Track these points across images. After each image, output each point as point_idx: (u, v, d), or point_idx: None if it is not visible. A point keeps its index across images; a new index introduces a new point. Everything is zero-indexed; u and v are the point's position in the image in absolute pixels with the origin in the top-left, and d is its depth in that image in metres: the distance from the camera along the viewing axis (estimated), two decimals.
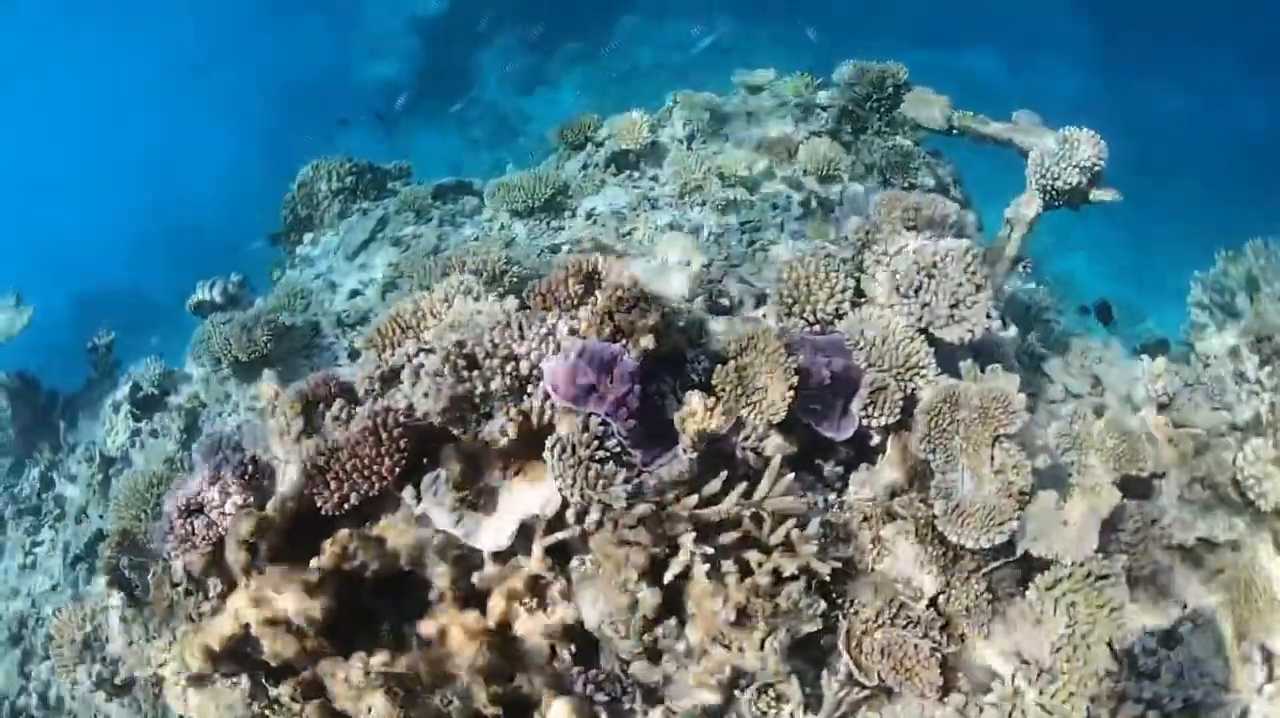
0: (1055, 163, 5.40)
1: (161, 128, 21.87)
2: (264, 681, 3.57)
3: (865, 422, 3.77)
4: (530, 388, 3.66)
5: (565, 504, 3.49)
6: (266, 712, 3.55)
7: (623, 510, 3.27)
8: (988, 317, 4.14)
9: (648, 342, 3.40)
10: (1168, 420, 4.71)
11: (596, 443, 3.42)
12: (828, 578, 3.38)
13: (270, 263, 8.71)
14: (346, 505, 3.60)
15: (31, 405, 8.06)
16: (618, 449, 3.44)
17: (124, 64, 23.79)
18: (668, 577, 3.25)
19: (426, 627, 3.50)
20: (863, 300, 4.37)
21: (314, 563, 3.47)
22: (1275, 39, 22.48)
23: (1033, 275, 13.15)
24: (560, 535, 3.47)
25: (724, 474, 3.33)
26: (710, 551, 3.23)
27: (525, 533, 3.55)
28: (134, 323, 10.70)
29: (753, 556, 3.35)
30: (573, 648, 3.43)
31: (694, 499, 3.29)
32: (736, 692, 3.31)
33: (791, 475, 3.36)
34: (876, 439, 3.90)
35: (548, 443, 3.49)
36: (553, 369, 3.53)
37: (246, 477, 3.88)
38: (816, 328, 4.27)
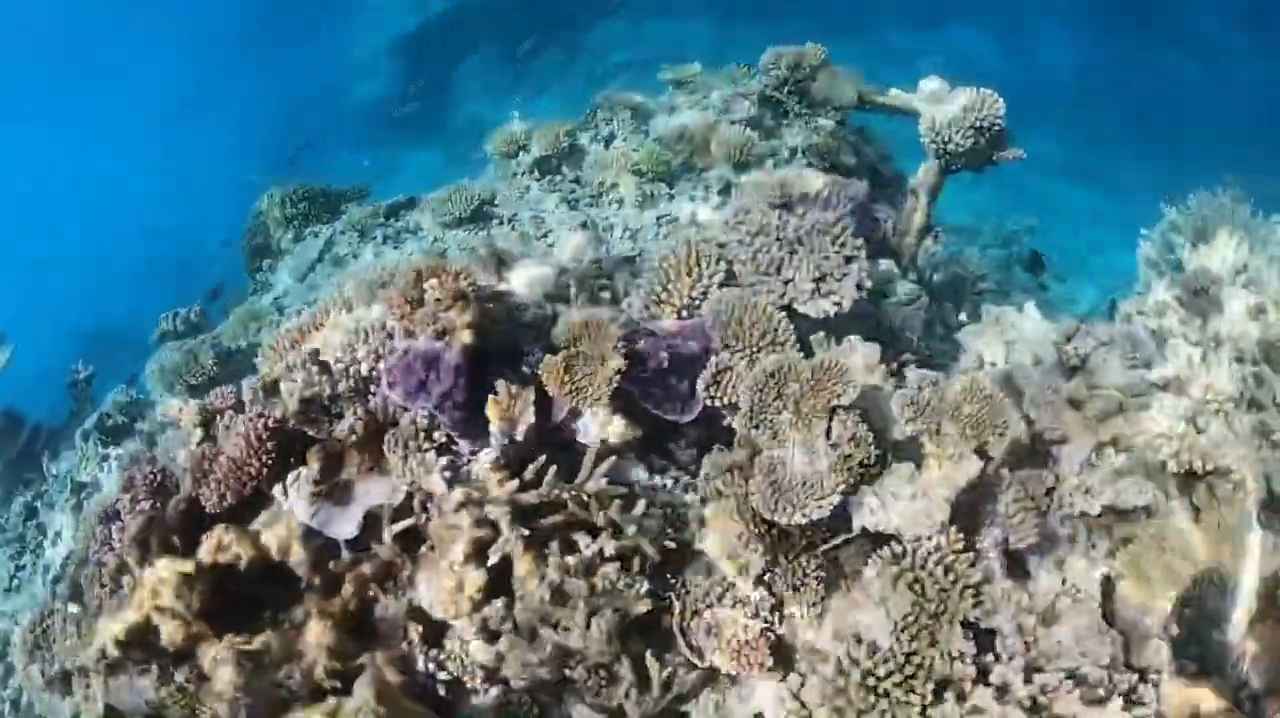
0: (946, 127, 5.37)
1: (161, 162, 22.49)
2: (170, 666, 3.79)
3: (712, 403, 3.79)
4: (374, 388, 3.82)
5: (410, 494, 3.63)
6: (173, 695, 3.74)
7: (443, 497, 3.39)
8: (859, 287, 4.10)
9: (466, 337, 3.50)
10: (1077, 383, 4.47)
11: (424, 435, 3.56)
12: (658, 559, 3.43)
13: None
14: (225, 504, 3.86)
15: (16, 441, 8.39)
16: (444, 440, 3.56)
17: (121, 100, 24.54)
18: (492, 559, 3.34)
19: (296, 611, 3.71)
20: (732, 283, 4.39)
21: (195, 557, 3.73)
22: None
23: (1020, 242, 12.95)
24: (403, 524, 3.61)
25: (542, 459, 3.40)
26: (526, 532, 3.31)
27: (378, 522, 3.71)
28: (130, 354, 11.05)
29: (581, 538, 3.43)
30: (420, 629, 3.54)
31: (514, 484, 3.37)
32: (568, 671, 3.37)
33: (612, 459, 3.42)
34: (728, 420, 3.92)
35: (385, 438, 3.66)
36: (388, 369, 3.68)
37: (154, 484, 4.16)
38: (685, 314, 4.32)
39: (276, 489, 3.85)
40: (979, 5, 22.73)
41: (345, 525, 3.72)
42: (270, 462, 3.87)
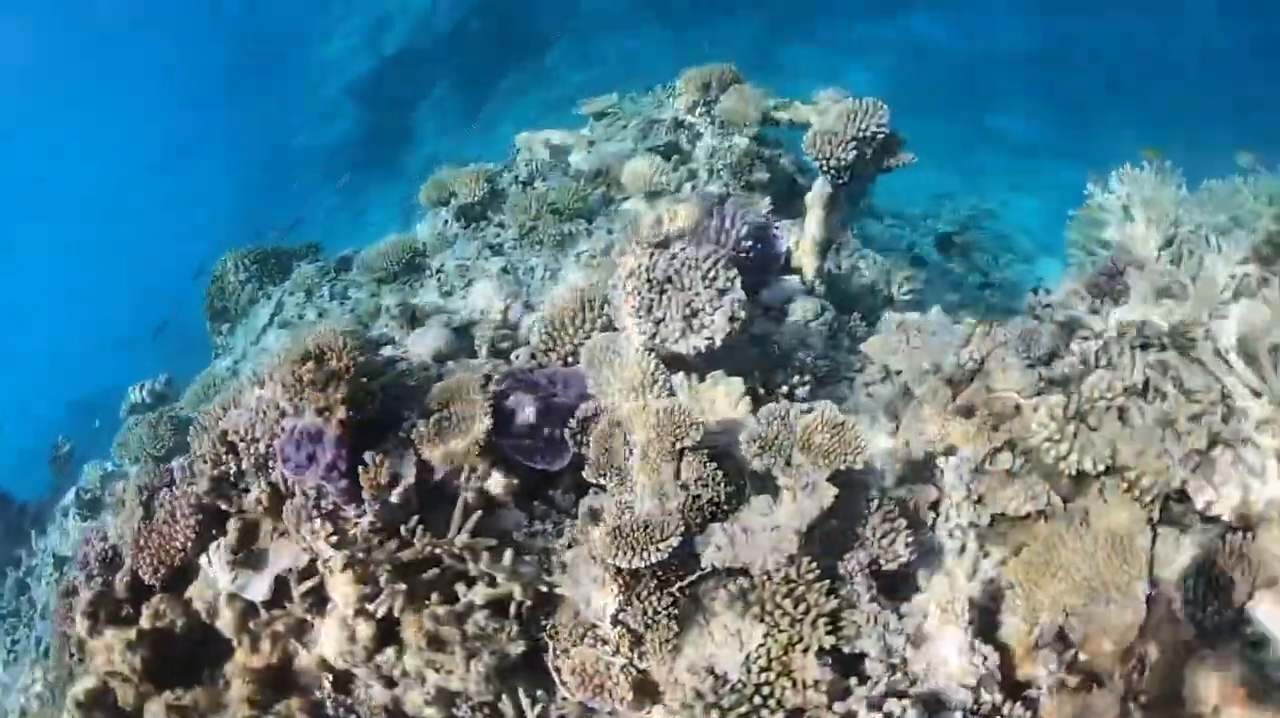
0: (828, 141, 5.44)
1: (134, 225, 22.95)
2: None
3: (579, 451, 4.01)
4: (273, 463, 4.12)
5: (314, 557, 3.95)
6: None
7: (332, 559, 3.69)
8: (731, 319, 4.25)
9: (341, 413, 3.79)
10: (975, 388, 4.44)
11: (314, 504, 3.85)
12: (530, 603, 3.69)
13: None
14: (159, 575, 4.28)
15: (5, 518, 8.75)
16: (331, 507, 3.84)
17: (90, 164, 25.07)
18: (378, 612, 3.64)
19: (227, 667, 4.14)
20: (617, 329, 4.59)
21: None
22: None
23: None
24: (308, 584, 3.94)
25: (415, 520, 3.67)
26: (403, 587, 3.59)
27: (289, 584, 4.04)
28: (110, 424, 11.42)
29: (461, 587, 3.71)
30: (330, 677, 3.89)
31: (392, 544, 3.66)
32: (454, 711, 3.64)
33: (477, 514, 3.68)
34: None
35: (285, 508, 3.98)
36: (281, 446, 3.97)
37: (106, 559, 4.58)
38: (570, 362, 4.58)
39: (202, 559, 4.20)
40: None
41: (260, 588, 4.06)
42: (195, 535, 4.27)
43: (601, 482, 3.73)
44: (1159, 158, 5.63)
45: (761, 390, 4.53)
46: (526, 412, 3.97)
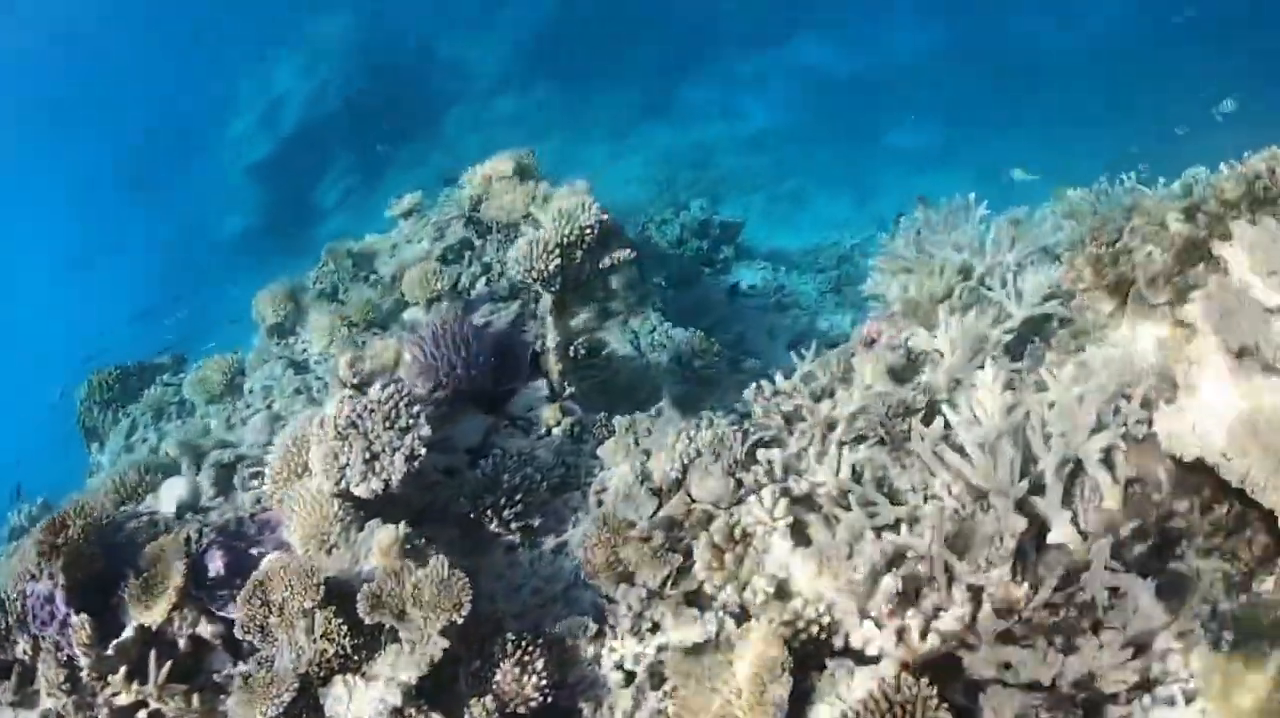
0: (528, 254, 5.58)
1: (48, 321, 23.10)
2: None
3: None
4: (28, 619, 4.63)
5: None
6: None
7: (66, 704, 4.31)
8: (410, 458, 4.65)
9: (63, 579, 4.30)
10: (677, 501, 4.29)
11: (55, 655, 4.37)
12: None
13: None
14: None
15: None
16: (66, 658, 4.33)
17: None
18: None
19: None
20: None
21: None
22: None
23: None
24: None
25: (124, 668, 4.15)
26: None
27: None
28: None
29: None
30: None
31: (109, 690, 4.15)
32: None
33: (168, 665, 4.13)
34: None
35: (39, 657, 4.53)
36: (30, 606, 4.48)
37: None
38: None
39: None
40: (823, 14, 23.26)
41: None
42: None
43: (249, 639, 4.14)
44: (929, 205, 5.68)
45: (472, 516, 4.91)
46: (216, 566, 4.44)
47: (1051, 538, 3.41)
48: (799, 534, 3.87)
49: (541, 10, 23.87)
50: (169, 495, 5.32)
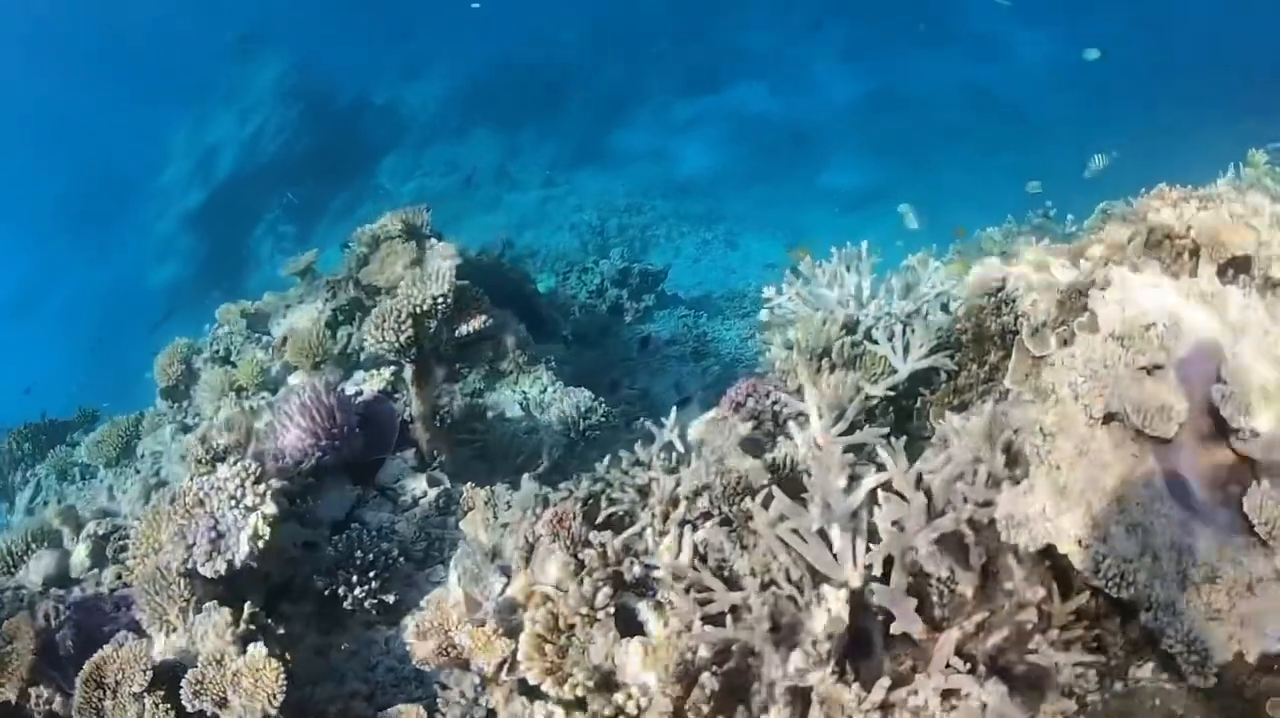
0: (379, 324, 5.49)
1: None
2: None
3: None
4: None
5: None
6: None
7: None
8: (254, 538, 4.68)
9: None
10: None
11: None
12: None
13: None
14: None
15: None
16: None
17: None
18: None
19: None
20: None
21: None
22: None
23: None
24: None
25: None
26: None
27: None
28: None
29: None
30: None
31: None
32: None
33: None
34: None
35: None
36: None
37: None
38: None
39: None
40: (757, 61, 23.78)
41: None
42: None
43: None
44: (807, 257, 5.43)
45: (328, 593, 4.96)
46: (68, 645, 4.47)
47: (895, 629, 3.06)
48: (630, 622, 3.68)
49: (477, 57, 24.18)
50: (38, 567, 5.35)
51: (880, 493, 3.23)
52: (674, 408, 4.70)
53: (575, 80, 23.36)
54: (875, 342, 4.42)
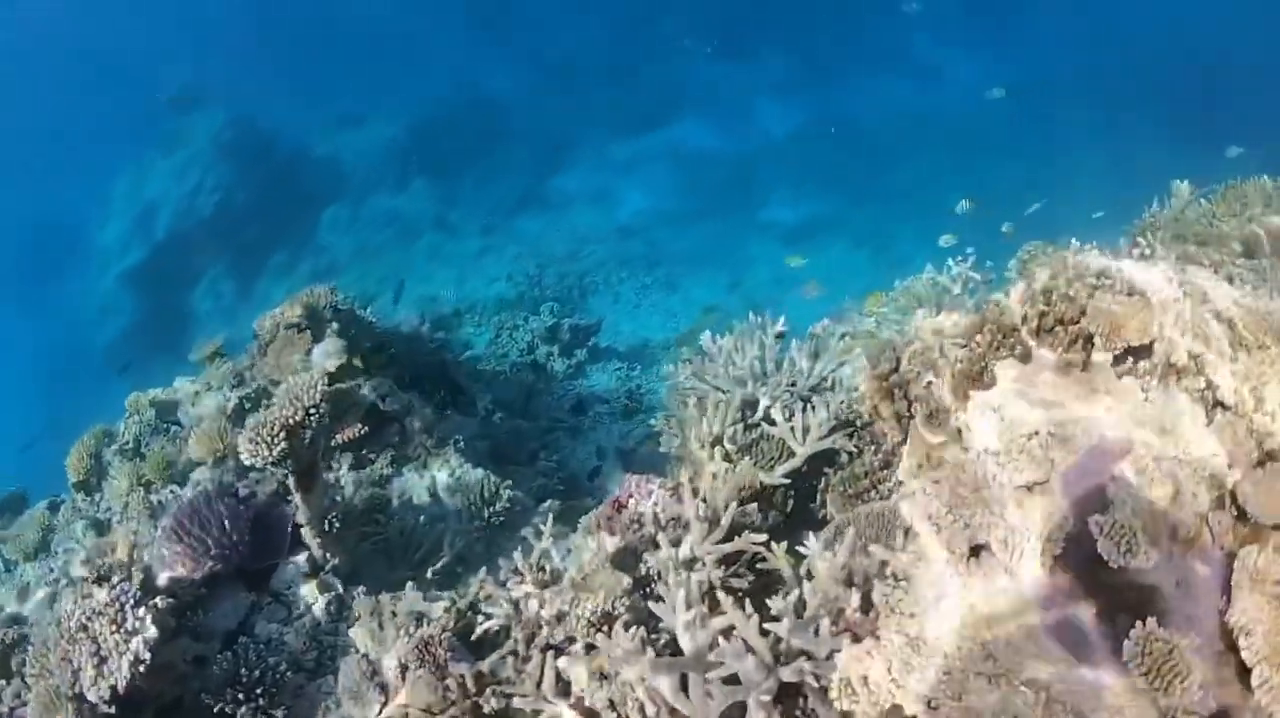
0: (252, 438, 5.28)
1: None
2: None
3: None
4: None
5: None
6: None
7: None
8: (135, 662, 4.74)
9: None
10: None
11: None
12: None
13: None
14: None
15: None
16: None
17: None
18: None
19: None
20: None
21: None
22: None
23: None
24: None
25: None
26: None
27: None
28: None
29: None
30: None
31: None
32: None
33: None
34: None
35: None
36: None
37: None
38: None
39: None
40: (696, 99, 24.02)
41: None
42: None
43: None
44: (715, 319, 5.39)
45: (216, 711, 4.97)
46: None
47: None
48: None
49: (416, 106, 24.26)
50: None
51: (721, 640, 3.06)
52: (549, 515, 4.84)
53: (513, 125, 23.52)
54: (774, 422, 4.24)
